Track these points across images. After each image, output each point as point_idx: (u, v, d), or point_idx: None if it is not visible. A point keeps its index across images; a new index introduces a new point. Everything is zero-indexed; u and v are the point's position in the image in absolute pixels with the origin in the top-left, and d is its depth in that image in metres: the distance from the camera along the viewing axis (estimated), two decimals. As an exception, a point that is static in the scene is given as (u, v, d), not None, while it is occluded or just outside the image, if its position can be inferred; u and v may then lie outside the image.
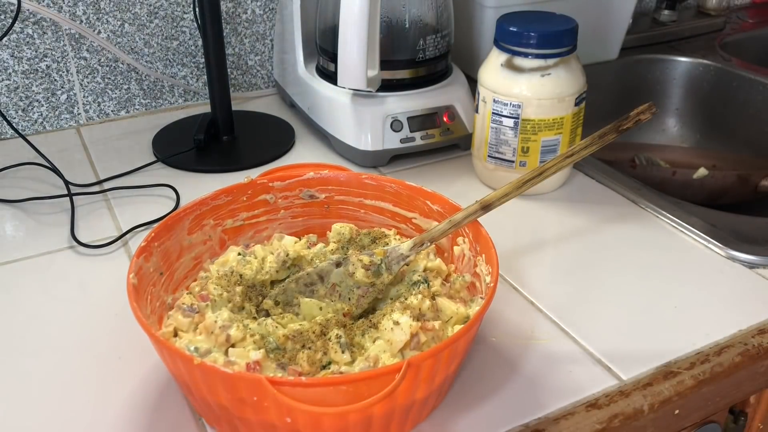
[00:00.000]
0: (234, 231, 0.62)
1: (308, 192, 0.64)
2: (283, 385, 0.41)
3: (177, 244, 0.57)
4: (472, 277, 0.57)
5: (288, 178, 0.63)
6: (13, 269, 0.67)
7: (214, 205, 0.60)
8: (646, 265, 0.68)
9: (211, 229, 0.60)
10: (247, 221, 0.62)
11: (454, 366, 0.49)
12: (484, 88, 0.77)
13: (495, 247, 0.53)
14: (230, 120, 0.90)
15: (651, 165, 1.09)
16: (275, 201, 0.63)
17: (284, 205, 0.64)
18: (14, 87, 0.90)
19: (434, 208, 0.62)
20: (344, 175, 0.64)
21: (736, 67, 1.13)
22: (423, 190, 0.62)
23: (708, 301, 0.64)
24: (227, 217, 0.61)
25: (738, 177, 1.01)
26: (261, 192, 0.62)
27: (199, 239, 0.59)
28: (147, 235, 0.54)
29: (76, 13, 0.90)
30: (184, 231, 0.57)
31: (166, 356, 0.48)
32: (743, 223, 0.76)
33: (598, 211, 0.77)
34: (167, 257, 0.56)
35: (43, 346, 0.58)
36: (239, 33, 1.00)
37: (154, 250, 0.54)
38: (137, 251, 0.53)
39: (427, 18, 0.85)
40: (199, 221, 0.59)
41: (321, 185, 0.64)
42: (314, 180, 0.63)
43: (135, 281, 0.50)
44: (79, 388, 0.54)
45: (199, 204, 0.59)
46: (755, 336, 0.59)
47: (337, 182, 0.64)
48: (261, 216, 0.63)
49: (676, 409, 0.55)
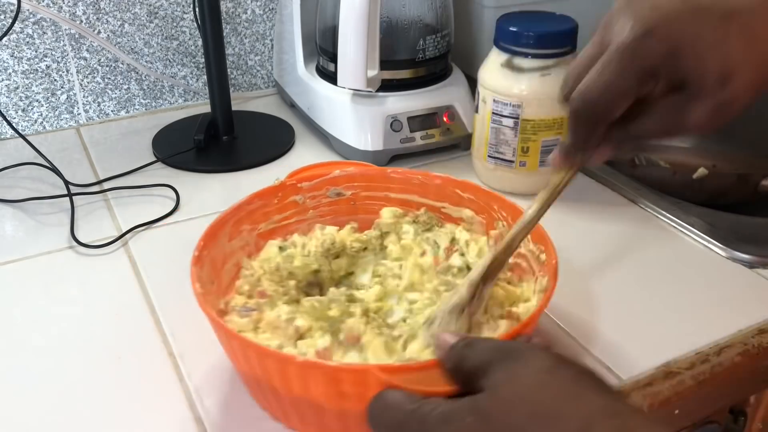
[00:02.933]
0: (267, 234, 0.62)
1: (335, 190, 0.64)
2: (393, 372, 0.41)
3: (221, 251, 0.57)
4: (515, 258, 0.57)
5: (315, 177, 0.63)
6: (13, 269, 0.67)
7: (250, 210, 0.60)
8: (646, 265, 0.68)
9: (248, 233, 0.60)
10: (279, 223, 0.63)
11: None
12: (484, 88, 0.77)
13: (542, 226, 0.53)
14: (230, 120, 0.90)
15: (651, 165, 1.09)
16: (304, 201, 0.64)
17: (312, 205, 0.64)
18: (14, 87, 0.90)
19: (465, 196, 0.62)
20: (370, 171, 0.65)
21: (736, 67, 1.13)
22: (451, 179, 0.63)
23: (708, 301, 0.64)
24: (261, 220, 0.61)
25: (738, 177, 1.01)
26: (291, 193, 0.63)
27: (238, 245, 0.59)
28: (197, 244, 0.53)
29: (76, 13, 0.90)
30: (225, 237, 0.57)
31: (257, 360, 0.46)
32: (743, 223, 0.76)
33: (598, 211, 0.77)
34: (215, 265, 0.55)
35: (43, 346, 0.58)
36: (239, 33, 1.00)
37: (205, 259, 0.53)
38: (193, 260, 0.52)
39: (427, 18, 0.85)
40: (237, 227, 0.59)
41: (347, 182, 0.64)
42: (341, 177, 0.64)
43: (201, 290, 0.49)
44: (79, 388, 0.54)
45: (237, 209, 0.59)
46: (755, 336, 0.59)
47: (362, 178, 0.64)
48: (291, 217, 0.63)
49: (675, 409, 0.55)
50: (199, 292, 0.49)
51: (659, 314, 0.62)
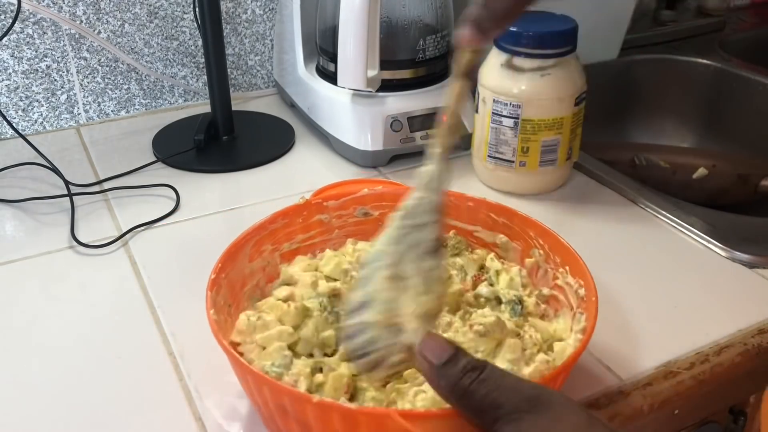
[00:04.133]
0: (290, 254, 0.59)
1: (363, 210, 0.62)
2: (414, 419, 0.40)
3: (240, 273, 0.54)
4: (552, 290, 0.56)
5: (342, 196, 0.61)
6: (13, 269, 0.67)
7: (272, 229, 0.58)
8: (646, 265, 0.68)
9: (270, 254, 0.57)
10: (303, 243, 0.60)
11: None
12: (484, 88, 0.77)
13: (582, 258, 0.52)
14: (230, 120, 0.90)
15: (651, 165, 1.09)
16: (330, 221, 0.61)
17: (338, 225, 0.62)
18: (14, 87, 0.90)
19: (499, 220, 0.60)
20: (399, 190, 0.61)
21: (735, 67, 1.13)
22: (486, 202, 0.60)
23: (708, 301, 0.64)
24: (284, 240, 0.59)
25: (738, 177, 1.01)
26: (316, 212, 0.60)
27: (259, 266, 0.56)
28: (214, 266, 0.51)
29: (76, 13, 0.90)
30: (246, 258, 0.55)
31: (272, 396, 0.45)
32: (743, 223, 0.76)
33: (598, 211, 0.77)
34: (233, 288, 0.53)
35: (43, 346, 0.58)
36: (239, 33, 1.01)
37: (222, 282, 0.51)
38: (209, 285, 0.49)
39: (427, 18, 0.85)
40: (259, 247, 0.56)
41: (375, 201, 0.62)
42: (369, 196, 0.62)
43: (215, 317, 0.47)
44: (79, 388, 0.54)
45: (259, 229, 0.56)
46: (755, 336, 0.59)
47: (391, 197, 0.61)
48: (316, 237, 0.61)
49: (675, 409, 0.55)
50: (214, 319, 0.47)
51: (659, 314, 0.62)
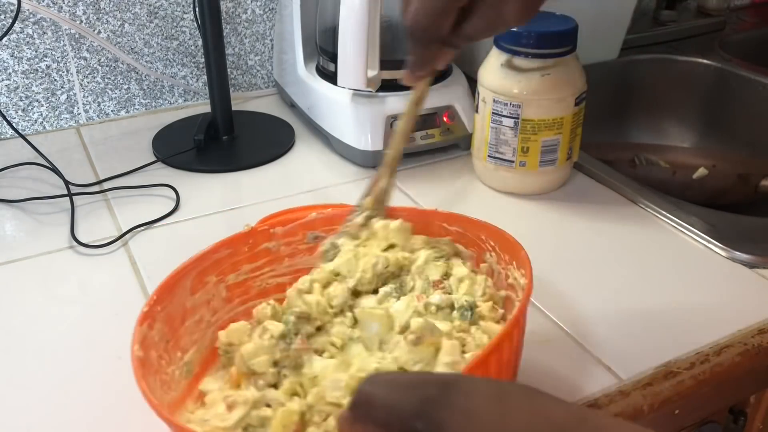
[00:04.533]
0: (237, 286, 0.55)
1: (313, 234, 0.58)
2: None
3: (180, 306, 0.51)
4: (506, 290, 0.53)
5: (289, 222, 0.57)
6: (13, 269, 0.67)
7: (216, 259, 0.53)
8: (646, 265, 0.68)
9: (214, 286, 0.53)
10: (250, 274, 0.56)
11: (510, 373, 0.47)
12: (484, 88, 0.77)
13: (524, 249, 0.50)
14: (230, 120, 0.90)
15: (651, 165, 1.09)
16: (278, 248, 0.57)
17: (287, 253, 0.57)
18: (14, 87, 0.90)
19: (452, 229, 0.57)
20: (348, 211, 0.58)
21: (736, 67, 1.13)
22: (437, 213, 0.58)
23: (708, 301, 0.64)
24: (230, 271, 0.54)
25: (738, 177, 1.01)
26: (262, 240, 0.56)
27: (202, 299, 0.52)
28: (148, 299, 0.48)
29: (76, 13, 0.90)
30: (186, 291, 0.51)
31: None
32: (743, 223, 0.76)
33: (598, 211, 0.77)
34: (171, 323, 0.49)
35: (43, 346, 0.58)
36: (239, 33, 1.01)
37: (158, 316, 0.48)
38: (140, 318, 0.47)
39: (427, 18, 0.85)
40: (202, 278, 0.52)
41: (326, 225, 0.58)
42: (318, 220, 0.58)
43: (140, 353, 0.45)
44: (79, 388, 0.54)
45: (200, 259, 0.52)
46: (755, 336, 0.59)
47: (342, 219, 0.57)
48: (264, 267, 0.57)
49: (676, 409, 0.55)
50: (137, 356, 0.44)
51: (659, 314, 0.62)
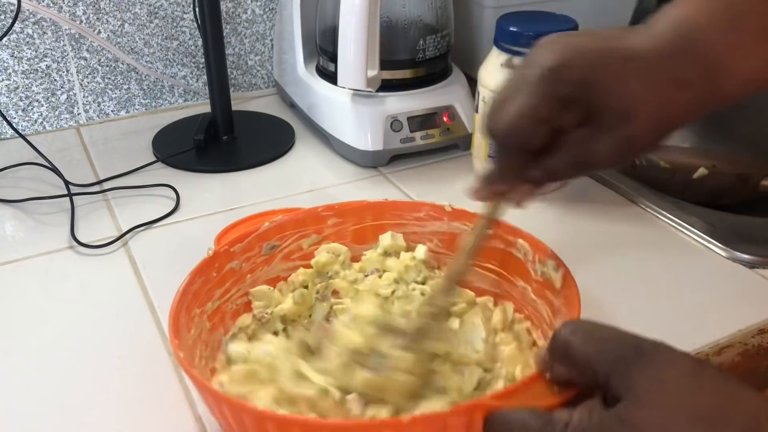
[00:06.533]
0: (214, 314, 0.54)
1: (269, 245, 0.58)
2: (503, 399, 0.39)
3: (187, 347, 0.49)
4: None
5: (246, 236, 0.57)
6: (13, 269, 0.67)
7: (194, 291, 0.52)
8: (646, 265, 0.68)
9: (199, 319, 0.52)
10: (221, 298, 0.55)
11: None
12: (484, 88, 0.77)
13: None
14: (230, 120, 0.90)
15: (651, 165, 1.09)
16: (240, 266, 0.56)
17: (248, 269, 0.57)
18: (14, 87, 0.90)
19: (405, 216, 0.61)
20: (299, 216, 0.59)
21: (736, 67, 1.13)
22: (388, 202, 0.61)
23: (708, 301, 0.64)
24: (206, 300, 0.53)
25: (738, 177, 1.01)
26: (226, 261, 0.55)
27: (195, 334, 0.51)
28: (172, 343, 0.46)
29: (76, 13, 0.90)
30: (185, 330, 0.49)
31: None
32: (743, 223, 0.76)
33: (598, 211, 0.77)
34: (191, 362, 0.48)
35: (42, 346, 0.58)
36: (239, 33, 1.00)
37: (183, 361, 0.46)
38: (185, 367, 0.45)
39: (427, 18, 0.85)
40: (189, 314, 0.51)
41: (279, 233, 0.59)
42: (272, 230, 0.58)
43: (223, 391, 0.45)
44: (79, 388, 0.54)
45: (183, 294, 0.50)
46: (755, 336, 0.59)
47: (294, 224, 0.59)
48: (231, 288, 0.56)
49: (676, 409, 0.55)
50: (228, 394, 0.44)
51: (659, 314, 0.62)
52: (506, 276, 0.57)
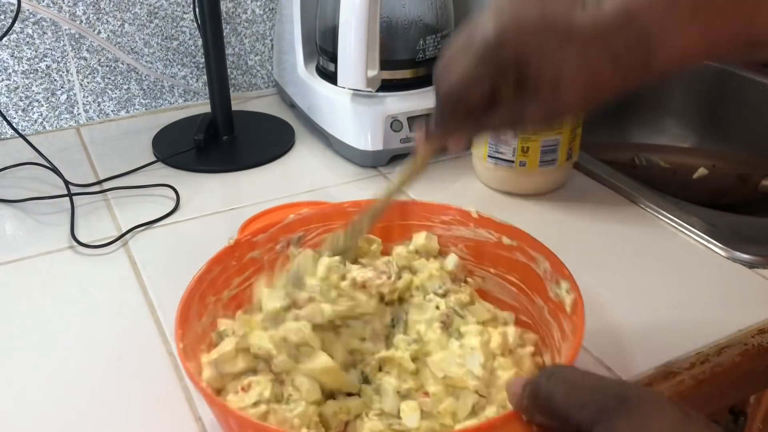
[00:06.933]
0: (231, 301, 0.54)
1: (297, 236, 0.58)
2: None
3: (195, 334, 0.49)
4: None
5: (269, 227, 0.57)
6: (13, 269, 0.67)
7: (210, 279, 0.52)
8: (646, 265, 0.68)
9: (214, 306, 0.52)
10: (242, 287, 0.55)
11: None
12: (484, 88, 0.77)
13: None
14: (230, 120, 0.90)
15: (651, 165, 1.09)
16: (261, 257, 0.56)
17: (270, 259, 0.57)
18: (14, 87, 0.90)
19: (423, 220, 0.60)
20: (325, 210, 0.59)
21: (736, 67, 1.13)
22: (416, 203, 0.60)
23: (708, 301, 0.64)
24: (223, 288, 0.53)
25: (738, 177, 1.01)
26: (247, 251, 0.56)
27: (208, 322, 0.51)
28: (176, 334, 0.47)
29: (76, 13, 0.90)
30: (195, 317, 0.50)
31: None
32: (743, 223, 0.76)
33: (598, 211, 0.77)
34: (195, 353, 0.48)
35: (43, 346, 0.58)
36: (239, 33, 1.01)
37: (188, 349, 0.47)
38: (181, 355, 0.45)
39: (427, 18, 0.85)
40: (203, 301, 0.51)
41: (304, 226, 0.58)
42: (295, 222, 0.58)
43: (205, 384, 0.46)
44: (79, 388, 0.54)
45: (198, 282, 0.51)
46: (755, 336, 0.59)
47: (319, 218, 0.59)
48: (251, 277, 0.56)
49: (676, 409, 0.55)
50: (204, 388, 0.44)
51: (659, 314, 0.62)
52: (526, 291, 0.57)
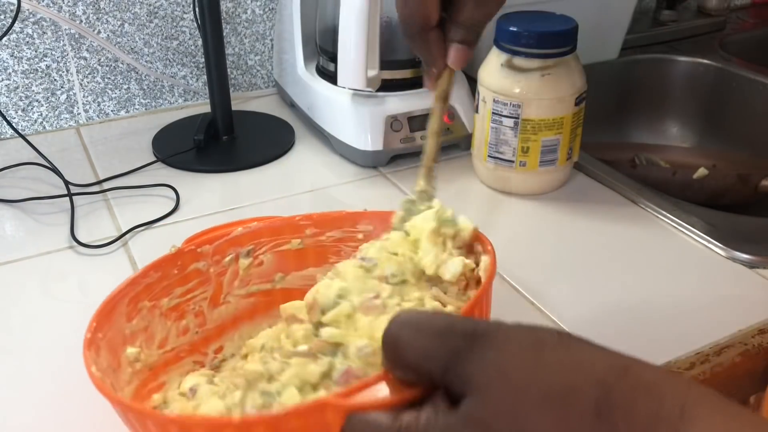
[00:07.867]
0: (172, 311, 0.53)
1: (243, 250, 0.57)
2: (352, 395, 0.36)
3: (119, 334, 0.49)
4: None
5: (216, 239, 0.55)
6: (13, 269, 0.67)
7: (147, 284, 0.52)
8: (646, 265, 0.68)
9: (149, 312, 0.51)
10: (184, 297, 0.54)
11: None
12: (484, 88, 0.77)
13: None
14: (230, 120, 0.90)
15: (651, 165, 1.09)
16: (207, 268, 0.55)
17: (218, 271, 0.55)
18: (14, 87, 0.90)
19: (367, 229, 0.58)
20: (275, 223, 0.57)
21: (736, 67, 1.13)
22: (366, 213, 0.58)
23: (708, 301, 0.64)
24: (162, 295, 0.52)
25: (738, 177, 1.01)
26: (191, 261, 0.54)
27: (140, 326, 0.51)
28: (89, 325, 0.47)
29: (76, 13, 0.90)
30: (122, 318, 0.49)
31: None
32: (743, 223, 0.76)
33: (598, 211, 0.77)
34: (114, 351, 0.48)
35: (43, 346, 0.58)
36: (239, 33, 1.01)
37: (101, 343, 0.47)
38: (85, 343, 0.45)
39: (427, 18, 0.85)
40: (135, 305, 0.50)
41: (253, 240, 0.57)
42: (244, 236, 0.56)
43: (99, 374, 0.44)
44: (79, 388, 0.54)
45: (131, 284, 0.51)
46: (755, 336, 0.59)
47: (269, 232, 0.57)
48: (196, 288, 0.55)
49: (676, 409, 0.55)
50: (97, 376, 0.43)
51: (659, 314, 0.62)
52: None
